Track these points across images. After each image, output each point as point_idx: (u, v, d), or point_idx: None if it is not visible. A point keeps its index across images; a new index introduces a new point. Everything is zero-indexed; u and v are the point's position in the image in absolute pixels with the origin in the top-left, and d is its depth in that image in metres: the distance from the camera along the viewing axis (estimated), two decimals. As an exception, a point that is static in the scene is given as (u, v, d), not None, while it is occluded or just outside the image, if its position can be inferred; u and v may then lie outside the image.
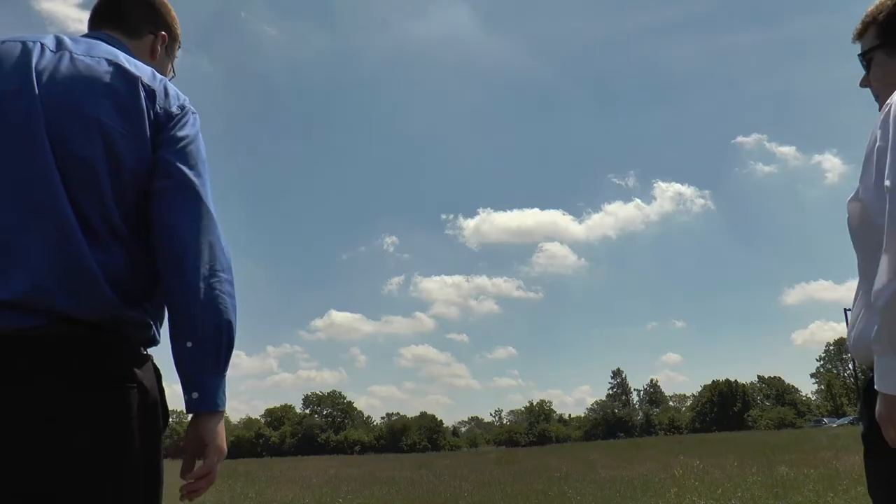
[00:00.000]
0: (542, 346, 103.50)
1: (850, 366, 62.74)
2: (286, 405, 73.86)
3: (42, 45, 1.22)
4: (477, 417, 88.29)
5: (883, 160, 1.20)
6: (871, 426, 1.25)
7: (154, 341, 1.23)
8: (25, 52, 1.19)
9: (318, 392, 76.45)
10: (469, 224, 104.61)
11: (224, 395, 1.20)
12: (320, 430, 69.37)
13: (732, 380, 70.91)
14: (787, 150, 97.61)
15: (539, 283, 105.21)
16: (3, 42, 1.23)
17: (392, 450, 62.28)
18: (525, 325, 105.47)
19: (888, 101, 1.26)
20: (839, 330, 79.88)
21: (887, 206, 1.14)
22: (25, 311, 1.05)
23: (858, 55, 1.45)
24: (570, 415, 78.93)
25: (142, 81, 1.23)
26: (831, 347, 71.37)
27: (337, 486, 11.83)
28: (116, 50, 1.29)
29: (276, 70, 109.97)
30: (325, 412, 74.86)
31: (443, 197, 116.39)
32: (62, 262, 1.08)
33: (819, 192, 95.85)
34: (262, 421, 72.23)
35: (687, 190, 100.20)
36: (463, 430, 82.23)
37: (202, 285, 1.16)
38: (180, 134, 1.24)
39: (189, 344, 1.16)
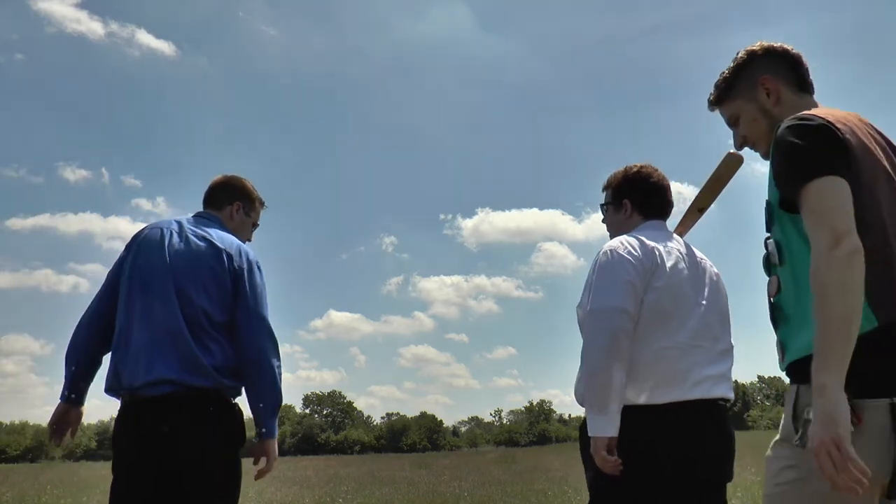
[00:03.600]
0: (542, 346, 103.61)
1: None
2: (286, 405, 73.56)
3: (171, 231, 2.21)
4: (477, 417, 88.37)
5: (587, 291, 1.95)
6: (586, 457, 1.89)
7: (238, 393, 2.18)
8: (162, 236, 2.19)
9: (317, 392, 76.44)
10: (468, 224, 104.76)
11: (277, 427, 2.20)
12: (320, 430, 69.33)
13: (732, 380, 70.60)
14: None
15: (538, 282, 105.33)
16: (150, 229, 2.24)
17: (392, 450, 62.25)
18: (525, 325, 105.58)
19: (603, 247, 1.95)
20: (839, 330, 79.53)
21: (583, 326, 1.91)
22: (167, 384, 2.02)
23: (600, 205, 2.21)
24: (570, 415, 78.95)
25: (224, 251, 2.16)
26: (831, 347, 71.23)
27: (337, 486, 11.83)
28: (210, 229, 2.24)
29: (275, 70, 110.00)
30: (324, 412, 74.84)
31: (441, 197, 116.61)
32: (182, 358, 2.04)
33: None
34: (262, 421, 72.04)
35: (686, 189, 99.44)
36: (463, 430, 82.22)
37: (268, 375, 2.13)
38: (249, 281, 2.16)
39: (261, 405, 2.15)
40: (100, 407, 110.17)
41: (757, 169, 1.95)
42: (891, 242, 1.24)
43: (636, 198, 2.11)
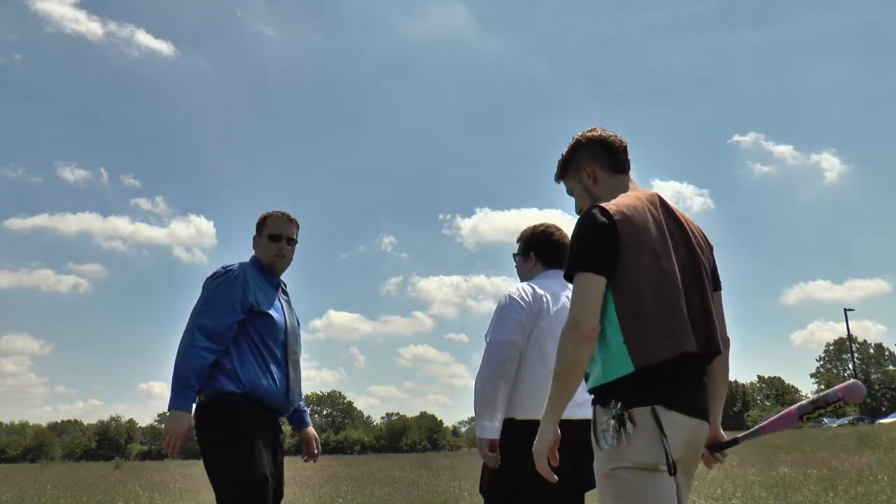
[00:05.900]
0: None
1: (850, 366, 62.58)
2: (286, 405, 73.64)
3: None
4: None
5: (490, 326, 2.47)
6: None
7: (226, 390, 2.54)
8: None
9: (317, 392, 76.45)
10: (467, 224, 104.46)
11: (180, 403, 2.46)
12: (320, 431, 69.24)
13: (732, 380, 70.32)
14: (785, 150, 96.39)
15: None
16: None
17: (392, 450, 62.28)
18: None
19: (504, 292, 2.51)
20: (838, 330, 79.76)
21: (484, 352, 2.41)
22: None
23: (513, 254, 2.74)
24: (569, 415, 78.58)
25: (208, 277, 2.71)
26: (831, 347, 71.26)
27: (337, 486, 11.84)
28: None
29: (274, 69, 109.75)
30: (324, 412, 74.90)
31: (440, 197, 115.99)
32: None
33: (817, 191, 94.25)
34: (262, 421, 72.00)
35: (686, 188, 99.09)
36: (463, 430, 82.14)
37: (177, 357, 2.51)
38: (201, 294, 2.67)
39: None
40: (100, 407, 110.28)
41: (757, 169, 1.94)
42: (641, 314, 1.60)
43: (540, 251, 2.63)
